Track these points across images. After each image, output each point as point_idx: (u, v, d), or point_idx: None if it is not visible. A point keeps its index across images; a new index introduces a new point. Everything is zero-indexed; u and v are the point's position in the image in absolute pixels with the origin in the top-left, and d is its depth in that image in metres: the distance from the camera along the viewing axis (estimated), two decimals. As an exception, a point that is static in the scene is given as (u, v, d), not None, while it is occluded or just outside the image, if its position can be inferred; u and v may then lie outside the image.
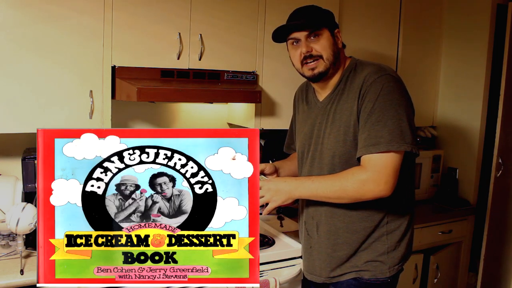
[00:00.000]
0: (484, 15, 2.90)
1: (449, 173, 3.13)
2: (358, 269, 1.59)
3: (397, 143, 1.44)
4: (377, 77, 1.51)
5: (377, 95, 1.48)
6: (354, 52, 1.81)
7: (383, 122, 1.45)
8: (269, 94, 2.45)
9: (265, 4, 2.39)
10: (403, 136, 1.45)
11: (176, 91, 2.08)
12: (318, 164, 1.63)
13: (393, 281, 1.61)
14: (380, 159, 1.45)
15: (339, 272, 1.62)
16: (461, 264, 3.08)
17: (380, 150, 1.44)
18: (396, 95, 1.48)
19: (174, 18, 2.18)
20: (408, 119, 1.48)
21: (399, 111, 1.46)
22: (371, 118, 1.48)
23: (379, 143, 1.44)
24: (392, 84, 1.50)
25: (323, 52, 1.60)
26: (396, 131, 1.44)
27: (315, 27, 1.58)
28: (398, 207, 1.60)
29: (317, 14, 1.61)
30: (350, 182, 1.47)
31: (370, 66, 1.58)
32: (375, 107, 1.47)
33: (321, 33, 1.59)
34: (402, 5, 2.92)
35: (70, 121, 2.00)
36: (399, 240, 1.60)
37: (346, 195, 1.49)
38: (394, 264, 1.59)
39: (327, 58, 1.60)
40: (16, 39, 1.88)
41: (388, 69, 1.56)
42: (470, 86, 3.01)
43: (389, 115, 1.46)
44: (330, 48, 1.60)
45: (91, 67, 2.03)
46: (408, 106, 1.51)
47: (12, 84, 1.89)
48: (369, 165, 1.46)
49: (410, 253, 1.67)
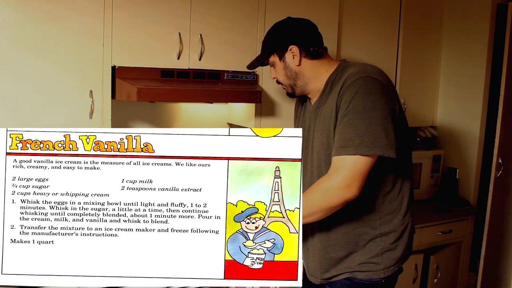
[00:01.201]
0: (484, 15, 2.90)
1: (449, 173, 3.13)
2: (351, 270, 1.59)
3: (366, 147, 1.41)
4: (355, 79, 1.48)
5: (351, 97, 1.46)
6: (354, 54, 1.81)
7: (355, 125, 1.43)
8: (269, 94, 2.45)
9: (265, 4, 2.39)
10: (375, 140, 1.41)
11: (176, 91, 2.08)
12: (310, 167, 1.63)
13: (388, 282, 1.60)
14: (348, 161, 1.43)
15: (333, 273, 1.62)
16: (461, 264, 3.09)
17: (348, 153, 1.42)
18: (371, 97, 1.44)
19: (174, 18, 2.18)
20: (383, 122, 1.43)
21: (373, 114, 1.43)
22: (344, 120, 1.46)
23: (348, 145, 1.43)
24: (370, 86, 1.46)
25: (280, 79, 1.71)
26: (366, 134, 1.41)
27: (265, 58, 1.70)
28: (391, 209, 1.59)
29: (265, 44, 1.72)
30: (316, 193, 1.45)
31: (352, 68, 1.55)
32: (348, 109, 1.45)
33: (272, 61, 1.70)
34: (402, 5, 2.92)
35: (70, 121, 2.00)
36: (394, 241, 1.59)
37: (316, 209, 1.45)
38: (389, 266, 1.58)
39: (283, 82, 1.71)
40: (16, 39, 1.89)
41: (370, 70, 1.51)
42: (470, 86, 3.01)
43: (362, 118, 1.43)
44: (282, 73, 1.69)
45: (91, 67, 2.03)
46: (385, 108, 1.45)
47: (12, 84, 1.89)
48: (335, 168, 1.45)
49: (408, 255, 1.66)
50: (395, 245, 1.59)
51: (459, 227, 2.98)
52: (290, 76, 1.67)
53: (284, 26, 1.68)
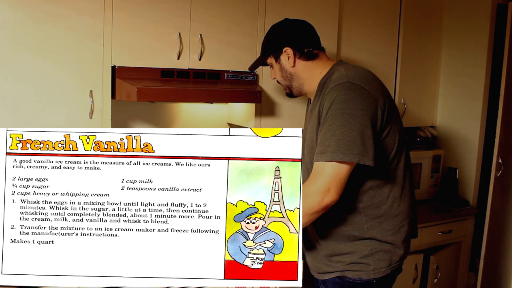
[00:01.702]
0: (484, 15, 2.90)
1: (449, 173, 3.13)
2: (342, 269, 1.61)
3: (342, 153, 1.42)
4: (335, 85, 1.50)
5: (330, 103, 1.47)
6: (354, 54, 1.81)
7: (332, 131, 1.44)
8: (269, 94, 2.45)
9: (265, 4, 2.39)
10: (351, 146, 1.42)
11: (176, 91, 2.08)
12: (305, 167, 1.64)
13: (380, 282, 1.60)
14: (325, 167, 1.44)
15: (325, 269, 1.65)
16: (461, 264, 3.09)
17: (325, 159, 1.43)
18: (349, 104, 1.45)
19: (174, 18, 2.18)
20: (361, 128, 1.44)
21: (350, 121, 1.43)
22: (323, 127, 1.47)
23: (325, 151, 1.44)
24: (348, 92, 1.46)
25: (278, 79, 1.77)
26: (343, 140, 1.42)
27: (263, 60, 1.77)
28: (378, 213, 1.59)
29: (263, 46, 1.78)
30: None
31: (337, 72, 1.56)
32: (327, 116, 1.47)
33: (269, 62, 1.76)
34: (402, 5, 2.92)
35: (70, 121, 2.00)
36: (386, 245, 1.59)
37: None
38: (380, 267, 1.58)
39: (281, 83, 1.77)
40: (16, 39, 1.89)
41: (351, 76, 1.51)
42: (470, 86, 3.01)
43: (338, 125, 1.44)
44: (279, 75, 1.74)
45: (91, 67, 2.03)
46: (364, 115, 1.45)
47: (12, 84, 1.89)
48: (314, 174, 1.47)
49: (404, 257, 1.64)
50: (387, 248, 1.59)
51: (459, 227, 2.98)
52: (286, 77, 1.72)
53: (280, 28, 1.72)
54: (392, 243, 1.59)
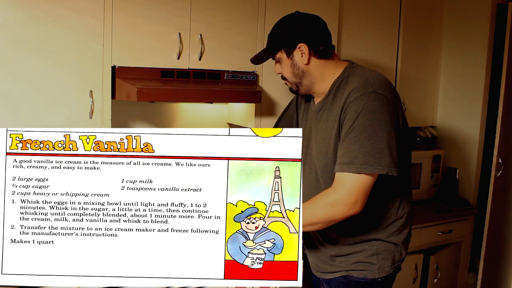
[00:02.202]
0: (484, 15, 2.90)
1: (449, 173, 3.13)
2: (347, 269, 1.60)
3: (371, 166, 1.41)
4: (360, 95, 1.47)
5: (357, 113, 1.45)
6: (354, 54, 1.81)
7: (360, 143, 1.43)
8: (269, 94, 2.45)
9: (265, 4, 2.39)
10: (379, 158, 1.42)
11: (176, 91, 2.08)
12: (308, 168, 1.64)
13: (384, 281, 1.61)
14: (352, 179, 1.43)
15: (329, 269, 1.64)
16: (461, 264, 3.08)
17: (353, 171, 1.42)
18: (377, 115, 1.44)
19: (174, 18, 2.18)
20: (388, 139, 1.43)
21: (378, 132, 1.43)
22: (349, 136, 1.45)
23: (353, 163, 1.43)
24: (375, 103, 1.45)
25: (285, 75, 1.67)
26: (371, 152, 1.41)
27: (273, 54, 1.66)
28: (388, 218, 1.59)
29: (273, 39, 1.66)
30: (320, 207, 1.46)
31: (357, 80, 1.53)
32: (354, 125, 1.45)
33: (279, 57, 1.65)
34: (402, 5, 2.92)
35: (70, 121, 2.00)
36: (391, 246, 1.60)
37: (318, 220, 1.47)
38: (385, 266, 1.59)
39: (289, 79, 1.67)
40: (16, 39, 1.89)
41: (375, 84, 1.49)
42: (470, 86, 3.01)
43: (367, 136, 1.43)
44: (288, 71, 1.64)
45: (91, 67, 2.03)
46: (391, 125, 1.45)
47: (12, 84, 1.89)
48: (340, 183, 1.45)
49: (405, 255, 1.66)
50: (390, 247, 1.60)
51: (459, 227, 2.98)
52: (296, 74, 1.63)
53: (294, 22, 1.62)
54: (395, 243, 1.60)
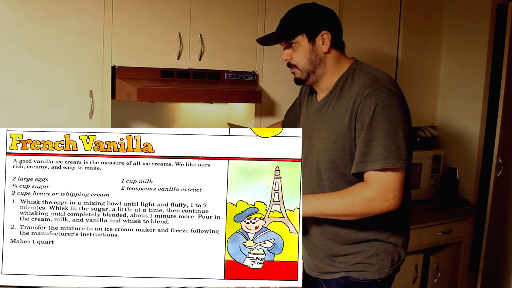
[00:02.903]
0: (484, 15, 2.90)
1: (449, 173, 3.13)
2: (347, 270, 1.60)
3: (393, 160, 1.42)
4: (372, 91, 1.47)
5: (373, 109, 1.45)
6: (354, 52, 1.80)
7: (380, 139, 1.43)
8: (269, 94, 2.45)
9: (265, 4, 2.39)
10: (399, 153, 1.43)
11: (176, 91, 2.08)
12: (309, 165, 1.63)
13: (383, 282, 1.61)
14: (384, 175, 1.44)
15: (328, 270, 1.64)
16: (461, 264, 3.08)
17: (376, 167, 1.43)
18: (392, 110, 1.45)
19: (174, 18, 2.18)
20: (404, 134, 1.45)
21: (395, 127, 1.44)
22: (368, 134, 1.45)
23: (375, 160, 1.43)
24: (388, 98, 1.46)
25: (298, 62, 1.59)
26: (392, 147, 1.43)
27: (292, 37, 1.58)
28: (390, 216, 1.59)
29: (292, 22, 1.59)
30: (358, 200, 1.45)
31: (366, 76, 1.54)
32: (372, 123, 1.45)
33: (296, 41, 1.58)
34: (402, 5, 2.92)
35: (70, 121, 2.00)
36: (391, 245, 1.60)
37: (354, 213, 1.47)
38: (385, 267, 1.59)
39: (302, 67, 1.59)
40: (16, 39, 1.89)
41: (384, 81, 1.51)
42: (470, 86, 3.01)
43: (385, 131, 1.43)
44: (305, 57, 1.58)
45: (91, 67, 2.03)
46: (405, 120, 1.48)
47: (12, 84, 1.89)
48: (373, 181, 1.45)
49: (404, 255, 1.66)
50: (390, 248, 1.60)
51: (459, 227, 2.98)
52: (313, 61, 1.59)
53: (318, 9, 1.60)
54: (395, 244, 1.60)
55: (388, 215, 1.58)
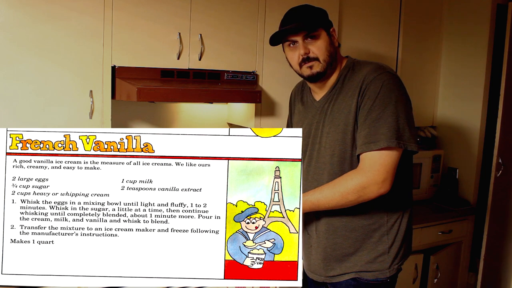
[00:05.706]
0: (484, 15, 2.90)
1: (449, 173, 3.13)
2: (357, 270, 1.59)
3: (397, 139, 1.45)
4: (377, 75, 1.52)
5: (377, 92, 1.49)
6: (354, 53, 1.81)
7: (384, 119, 1.47)
8: (269, 94, 2.45)
9: (265, 4, 2.39)
10: (402, 133, 1.46)
11: (176, 91, 2.09)
12: (315, 163, 1.63)
13: (392, 281, 1.62)
14: (380, 157, 1.45)
15: (338, 271, 1.62)
16: (461, 264, 3.09)
17: (380, 146, 1.45)
18: (395, 93, 1.50)
19: (174, 18, 2.18)
20: (407, 116, 1.49)
21: (399, 108, 1.48)
22: (371, 115, 1.48)
23: (379, 139, 1.45)
24: (392, 82, 1.52)
25: (320, 54, 1.59)
26: (395, 127, 1.46)
27: (311, 29, 1.58)
28: (397, 205, 1.60)
29: (312, 14, 1.60)
30: (350, 189, 1.47)
31: (369, 65, 1.59)
32: (375, 104, 1.48)
33: (317, 34, 1.58)
34: (402, 6, 2.92)
35: (70, 121, 2.00)
36: (399, 239, 1.61)
37: (348, 202, 1.49)
38: (394, 264, 1.59)
39: (324, 59, 1.59)
40: (16, 39, 1.89)
41: (386, 67, 1.58)
42: (470, 86, 3.01)
43: (389, 112, 1.47)
44: (326, 49, 1.59)
45: (91, 67, 2.03)
46: (407, 103, 1.53)
47: (12, 84, 1.90)
48: (367, 164, 1.47)
49: (410, 252, 1.68)
50: (399, 242, 1.61)
51: (459, 227, 2.98)
52: (332, 54, 1.61)
53: (322, 9, 1.66)
54: (404, 236, 1.62)
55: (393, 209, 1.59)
